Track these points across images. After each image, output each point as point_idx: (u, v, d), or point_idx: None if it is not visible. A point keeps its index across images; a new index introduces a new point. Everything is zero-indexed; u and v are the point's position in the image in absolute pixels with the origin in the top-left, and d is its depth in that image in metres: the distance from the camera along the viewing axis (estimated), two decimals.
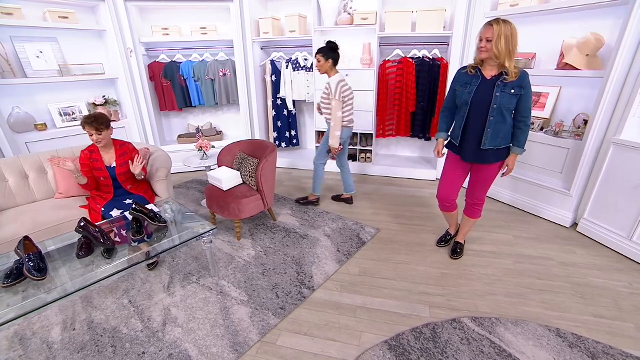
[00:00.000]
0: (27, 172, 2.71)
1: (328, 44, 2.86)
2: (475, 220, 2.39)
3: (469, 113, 2.00)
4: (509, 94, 1.88)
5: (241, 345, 1.76)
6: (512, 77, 1.85)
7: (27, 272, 1.69)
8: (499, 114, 1.92)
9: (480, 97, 1.94)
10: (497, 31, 1.77)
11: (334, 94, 2.79)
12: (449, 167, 2.26)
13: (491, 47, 1.81)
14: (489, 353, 1.69)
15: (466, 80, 2.00)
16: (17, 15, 3.14)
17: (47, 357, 1.75)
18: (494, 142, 1.99)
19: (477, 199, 2.28)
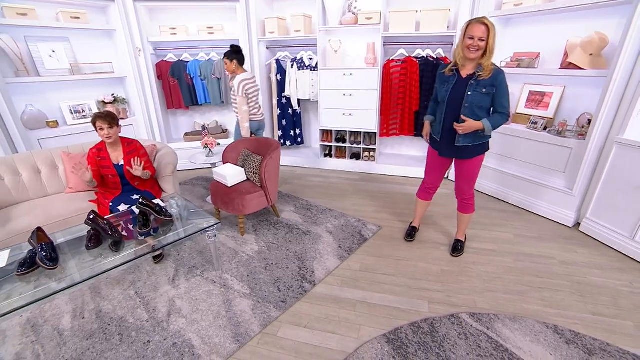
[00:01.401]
0: (39, 167, 2.81)
1: (232, 48, 3.13)
2: (469, 215, 2.42)
3: (446, 111, 2.07)
4: (480, 92, 1.93)
5: (243, 336, 1.81)
6: (487, 73, 1.89)
7: (39, 261, 1.76)
8: (470, 113, 1.98)
9: (455, 95, 2.01)
10: (492, 31, 1.83)
11: (237, 92, 3.03)
12: (431, 158, 2.38)
13: (484, 45, 1.85)
14: (486, 348, 1.72)
15: (444, 79, 2.08)
16: (31, 16, 3.24)
17: (58, 343, 1.82)
18: (468, 140, 2.05)
19: (465, 193, 2.34)
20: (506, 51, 3.24)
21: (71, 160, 2.83)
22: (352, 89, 3.83)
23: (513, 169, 3.24)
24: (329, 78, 3.87)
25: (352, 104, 3.88)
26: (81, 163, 2.49)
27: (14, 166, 2.69)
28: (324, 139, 4.24)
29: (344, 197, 3.48)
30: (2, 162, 2.66)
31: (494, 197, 3.41)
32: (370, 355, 1.70)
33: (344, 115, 3.94)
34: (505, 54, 3.22)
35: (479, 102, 1.95)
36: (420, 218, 2.71)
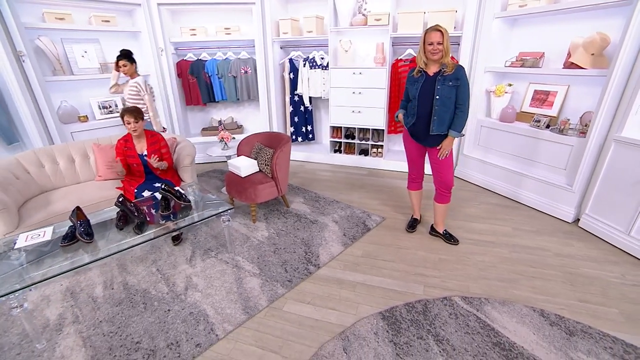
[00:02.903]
0: (74, 156, 3.10)
1: (126, 51, 3.31)
2: (444, 205, 2.59)
3: (418, 105, 2.35)
4: (447, 85, 2.23)
5: (251, 309, 2.02)
6: (450, 69, 2.20)
7: (79, 236, 2.02)
8: (442, 104, 2.26)
9: (425, 91, 2.29)
10: (445, 35, 2.16)
11: (144, 91, 3.30)
12: (408, 147, 2.62)
13: (442, 48, 2.17)
14: (474, 326, 1.86)
15: (414, 80, 2.37)
16: (67, 20, 3.55)
17: (92, 308, 2.07)
18: (441, 128, 2.32)
19: (442, 184, 2.52)
20: (511, 51, 3.33)
21: (101, 151, 3.12)
22: (362, 88, 3.98)
23: (515, 165, 3.32)
24: (340, 77, 4.04)
25: (362, 101, 4.04)
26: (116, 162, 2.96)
27: (53, 155, 2.99)
28: (334, 135, 4.41)
29: (351, 191, 3.65)
30: (43, 151, 2.96)
31: (495, 192, 3.50)
32: (366, 329, 1.87)
33: (353, 112, 4.11)
34: (511, 54, 3.31)
35: (447, 94, 2.24)
36: (418, 209, 2.87)
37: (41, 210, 2.57)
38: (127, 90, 3.37)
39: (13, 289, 1.64)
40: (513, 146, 3.34)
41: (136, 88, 3.33)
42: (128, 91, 3.36)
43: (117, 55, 3.35)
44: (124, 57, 3.30)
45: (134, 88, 3.33)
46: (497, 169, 3.46)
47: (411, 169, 2.71)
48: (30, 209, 2.58)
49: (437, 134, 2.34)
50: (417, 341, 1.78)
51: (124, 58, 3.30)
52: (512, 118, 3.36)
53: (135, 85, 3.32)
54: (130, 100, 3.37)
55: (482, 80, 3.51)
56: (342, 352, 1.73)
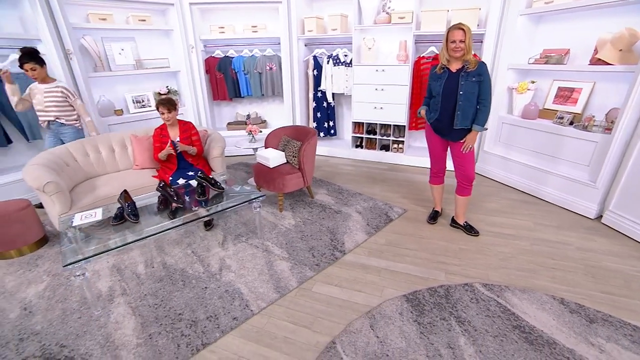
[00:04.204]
0: (114, 147, 3.32)
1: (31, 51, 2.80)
2: (465, 198, 2.67)
3: (442, 101, 2.44)
4: (470, 81, 2.31)
5: (283, 289, 2.16)
6: (473, 66, 2.29)
7: (127, 216, 2.22)
8: (466, 99, 2.35)
9: (449, 87, 2.39)
10: (468, 33, 2.23)
11: (74, 96, 3.07)
12: (431, 142, 2.71)
13: (464, 46, 2.25)
14: (494, 311, 1.95)
15: (437, 76, 2.47)
16: (109, 20, 3.80)
17: (137, 283, 2.27)
18: (465, 123, 2.41)
19: (465, 177, 2.59)
20: (536, 48, 3.35)
21: (138, 142, 3.33)
22: (384, 84, 4.08)
23: (537, 162, 3.35)
24: (363, 73, 4.14)
25: (384, 98, 4.13)
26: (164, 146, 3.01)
27: (96, 145, 3.22)
28: (356, 130, 4.52)
29: (372, 184, 3.75)
30: (88, 142, 3.19)
31: (515, 188, 3.53)
32: (391, 309, 1.98)
33: (375, 108, 4.20)
34: (535, 51, 3.33)
35: (470, 89, 2.33)
36: (439, 202, 2.96)
37: (88, 194, 2.79)
38: (46, 97, 2.93)
39: (76, 259, 1.84)
40: (535, 143, 3.36)
41: (62, 94, 2.99)
42: (51, 98, 2.95)
43: (19, 57, 2.74)
44: (30, 58, 2.75)
45: (59, 94, 2.98)
46: (518, 165, 3.49)
47: (434, 163, 2.79)
48: (79, 192, 2.81)
49: (461, 128, 2.43)
50: (440, 322, 1.89)
51: (30, 60, 2.74)
52: (534, 115, 3.38)
53: (61, 90, 2.99)
54: (53, 108, 2.99)
55: (504, 78, 3.54)
56: (369, 329, 1.85)
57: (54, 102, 3.00)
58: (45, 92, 2.95)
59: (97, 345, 1.80)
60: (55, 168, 2.75)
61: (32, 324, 1.96)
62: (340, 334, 1.83)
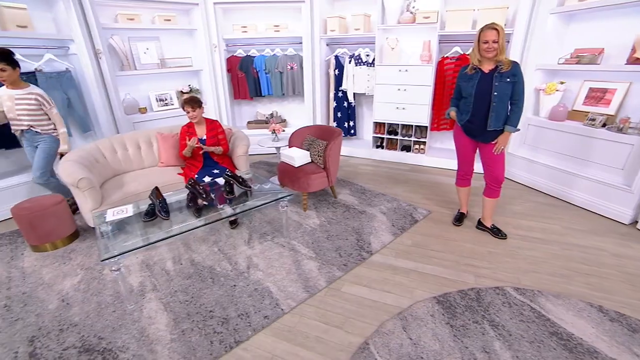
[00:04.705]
0: (140, 144, 3.39)
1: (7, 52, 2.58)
2: (494, 200, 2.63)
3: (474, 102, 2.39)
4: (505, 82, 2.28)
5: (312, 288, 2.17)
6: (507, 67, 2.25)
7: (158, 213, 2.25)
8: (500, 100, 2.32)
9: (482, 88, 2.35)
10: (501, 33, 2.20)
11: (50, 104, 2.81)
12: (461, 144, 2.67)
13: (497, 46, 2.22)
14: (529, 315, 1.91)
15: (468, 77, 2.42)
16: (136, 20, 3.87)
17: (167, 279, 2.30)
18: (498, 124, 2.38)
19: (494, 179, 2.55)
20: (566, 47, 3.27)
21: (164, 140, 3.39)
22: (407, 85, 4.04)
23: (565, 164, 3.27)
24: (385, 74, 4.11)
25: (406, 98, 4.10)
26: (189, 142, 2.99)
27: (123, 143, 3.29)
28: (377, 130, 4.49)
29: (395, 185, 3.73)
30: (116, 139, 3.26)
31: (542, 191, 3.46)
32: (423, 311, 1.97)
33: (397, 109, 4.17)
34: (565, 50, 3.25)
35: (505, 90, 2.29)
36: (465, 204, 2.92)
37: (117, 190, 2.85)
38: (18, 103, 2.67)
39: (114, 254, 1.88)
40: (563, 145, 3.28)
41: (37, 101, 2.73)
42: (23, 105, 2.69)
43: None
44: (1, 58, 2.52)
45: (33, 101, 2.71)
46: (545, 168, 3.42)
47: (462, 165, 2.76)
48: (108, 189, 2.87)
49: (494, 129, 2.40)
50: (473, 325, 1.86)
51: (1, 60, 2.52)
52: (562, 117, 3.30)
53: (36, 97, 2.72)
54: (25, 117, 2.73)
55: (532, 79, 3.46)
56: (401, 330, 1.84)
57: (27, 110, 2.73)
58: (16, 98, 2.67)
59: (132, 339, 1.84)
60: (86, 165, 2.82)
61: (70, 315, 2.01)
62: (372, 334, 1.82)
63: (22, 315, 2.02)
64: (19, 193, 3.21)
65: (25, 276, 2.38)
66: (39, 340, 1.84)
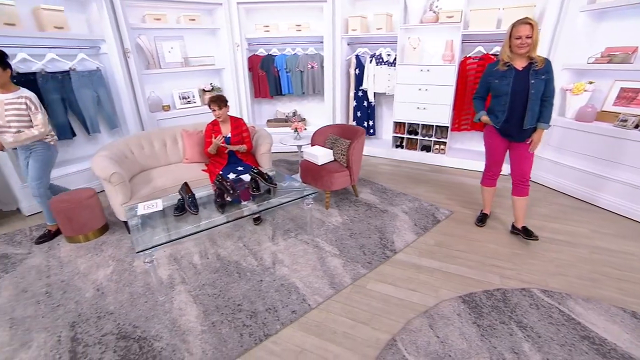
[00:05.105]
0: (166, 140, 3.47)
1: None
2: (525, 198, 2.59)
3: (511, 101, 2.34)
4: (540, 79, 2.25)
5: (337, 285, 2.19)
6: (540, 64, 2.23)
7: (188, 208, 2.32)
8: (535, 98, 2.29)
9: (518, 86, 2.30)
10: (535, 28, 2.15)
11: (37, 108, 2.53)
12: (493, 144, 2.62)
13: (531, 42, 2.18)
14: (558, 318, 1.89)
15: (500, 74, 2.36)
16: (163, 20, 3.97)
17: (194, 272, 2.37)
18: (533, 122, 2.35)
19: (523, 177, 2.53)
20: (596, 46, 3.20)
21: (189, 137, 3.47)
22: (428, 84, 4.02)
23: (593, 167, 3.20)
24: (407, 73, 4.10)
25: (427, 98, 4.08)
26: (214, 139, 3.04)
27: (150, 139, 3.38)
28: (397, 130, 4.49)
29: (415, 185, 3.72)
30: (143, 135, 3.36)
31: (566, 193, 3.40)
32: (449, 310, 1.97)
33: (418, 108, 4.16)
34: (595, 50, 3.18)
35: (540, 87, 2.26)
36: (489, 204, 2.90)
37: (145, 185, 2.94)
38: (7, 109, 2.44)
39: (148, 246, 1.95)
40: (591, 147, 3.21)
41: (27, 105, 2.49)
42: (13, 111, 2.45)
43: None
44: None
45: (23, 105, 2.47)
46: (571, 170, 3.35)
47: (491, 166, 2.72)
48: (137, 184, 2.96)
49: (529, 127, 2.37)
50: (500, 325, 1.86)
51: None
52: (591, 118, 3.23)
53: (25, 101, 2.48)
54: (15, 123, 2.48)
55: (558, 79, 3.35)
56: (428, 329, 1.85)
57: (17, 116, 2.47)
58: (6, 103, 2.44)
59: (165, 329, 1.90)
60: (117, 160, 2.91)
61: (105, 303, 2.09)
62: (399, 332, 1.84)
63: (62, 302, 2.11)
64: None
65: (63, 265, 2.49)
66: (79, 325, 1.93)
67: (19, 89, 2.52)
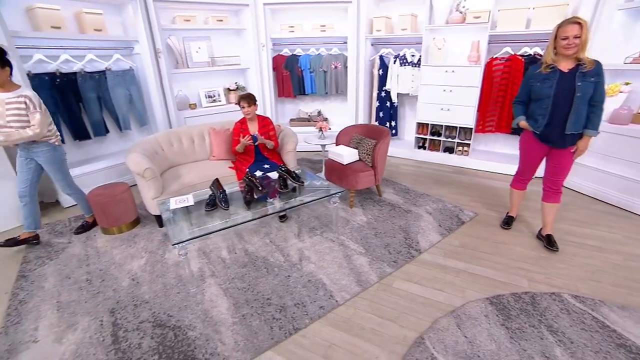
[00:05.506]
0: (193, 138, 3.58)
1: None
2: (557, 205, 2.51)
3: (553, 104, 2.23)
4: (588, 82, 2.12)
5: (364, 283, 2.22)
6: (589, 66, 2.10)
7: (219, 203, 2.40)
8: (581, 102, 2.15)
9: (562, 88, 2.18)
10: (585, 27, 2.04)
11: (36, 107, 2.41)
12: (530, 150, 2.51)
13: (579, 42, 2.06)
14: (591, 325, 1.86)
15: (543, 77, 2.25)
16: (192, 21, 4.10)
17: (223, 266, 2.45)
18: (576, 127, 2.22)
19: (557, 184, 2.45)
20: (634, 46, 3.10)
21: (216, 134, 3.56)
22: (453, 86, 3.99)
23: (626, 171, 3.09)
24: (431, 74, 4.08)
25: (451, 99, 4.05)
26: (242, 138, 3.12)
27: (179, 136, 3.49)
28: (420, 131, 4.47)
29: (439, 186, 3.71)
30: (173, 133, 3.48)
31: (596, 198, 3.31)
32: (476, 310, 1.97)
33: (442, 110, 4.13)
34: (632, 49, 3.08)
35: (588, 90, 2.13)
36: (517, 207, 2.85)
37: (174, 181, 3.04)
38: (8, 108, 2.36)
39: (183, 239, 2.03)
40: (626, 150, 3.11)
41: (25, 104, 2.38)
42: (13, 110, 2.37)
43: None
44: None
45: (23, 105, 2.37)
46: (603, 174, 3.26)
47: (525, 172, 2.63)
48: (167, 179, 3.07)
49: (571, 133, 2.24)
50: (529, 329, 1.84)
51: None
52: (626, 120, 3.14)
53: (24, 100, 2.37)
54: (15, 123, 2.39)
55: None
56: (456, 328, 1.86)
57: (17, 115, 2.38)
58: (7, 102, 2.35)
59: (198, 319, 1.98)
60: (148, 156, 3.03)
61: (141, 293, 2.20)
62: (426, 330, 1.85)
63: (101, 289, 2.23)
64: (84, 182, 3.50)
65: (100, 255, 2.62)
66: (118, 312, 2.04)
67: (19, 87, 2.43)
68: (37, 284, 2.31)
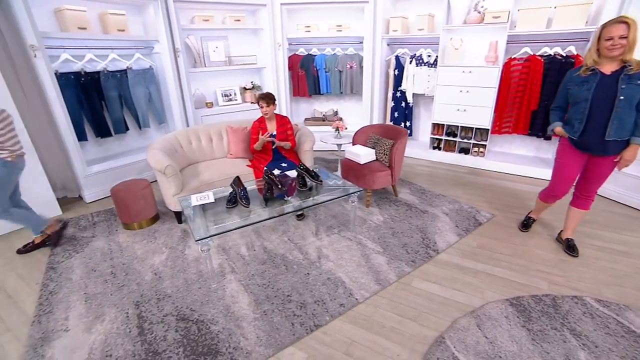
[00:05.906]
0: (212, 136, 3.64)
1: None
2: (585, 212, 2.44)
3: (591, 108, 2.09)
4: (634, 85, 1.95)
5: (383, 281, 2.24)
6: (637, 68, 1.94)
7: (240, 200, 2.44)
8: (626, 106, 1.99)
9: (602, 92, 2.04)
10: (632, 26, 1.89)
11: None
12: (565, 160, 2.35)
13: (626, 43, 1.92)
14: (615, 329, 1.84)
15: (581, 79, 2.12)
16: (210, 21, 4.16)
17: (243, 263, 2.49)
18: (619, 133, 2.05)
19: (590, 192, 2.37)
20: None
21: (234, 133, 3.61)
22: (469, 86, 3.97)
23: None
24: (448, 74, 4.06)
25: (468, 100, 4.02)
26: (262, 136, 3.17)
27: (197, 134, 3.55)
28: (435, 132, 4.45)
29: (455, 187, 3.69)
30: (191, 131, 3.54)
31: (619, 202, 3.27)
32: (496, 311, 1.97)
33: (458, 110, 4.11)
34: None
35: (633, 94, 1.97)
36: (539, 213, 2.81)
37: (194, 178, 3.09)
38: None
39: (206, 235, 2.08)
40: None
41: None
42: None
43: None
44: None
45: None
46: (629, 177, 3.19)
47: (559, 183, 2.42)
48: (186, 176, 3.12)
49: (613, 139, 2.07)
50: (551, 331, 1.83)
51: None
52: None
53: None
54: None
55: None
56: (476, 328, 1.86)
57: None
58: None
59: (220, 314, 2.02)
60: (169, 153, 3.09)
61: (163, 287, 2.25)
62: (447, 329, 1.86)
63: (125, 283, 2.30)
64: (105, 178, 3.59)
65: (122, 249, 2.69)
66: (142, 305, 2.09)
67: None
68: (65, 276, 2.39)
